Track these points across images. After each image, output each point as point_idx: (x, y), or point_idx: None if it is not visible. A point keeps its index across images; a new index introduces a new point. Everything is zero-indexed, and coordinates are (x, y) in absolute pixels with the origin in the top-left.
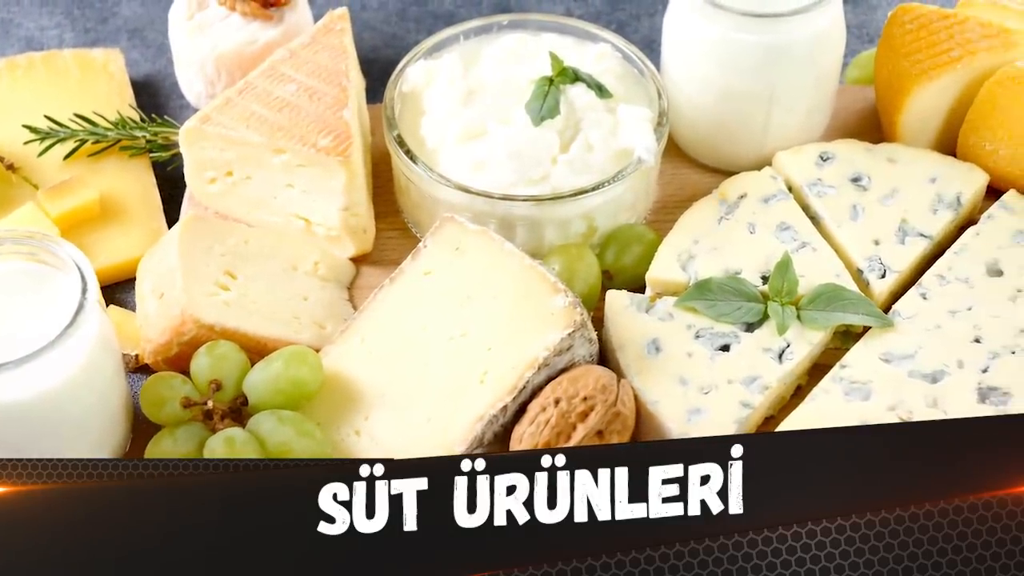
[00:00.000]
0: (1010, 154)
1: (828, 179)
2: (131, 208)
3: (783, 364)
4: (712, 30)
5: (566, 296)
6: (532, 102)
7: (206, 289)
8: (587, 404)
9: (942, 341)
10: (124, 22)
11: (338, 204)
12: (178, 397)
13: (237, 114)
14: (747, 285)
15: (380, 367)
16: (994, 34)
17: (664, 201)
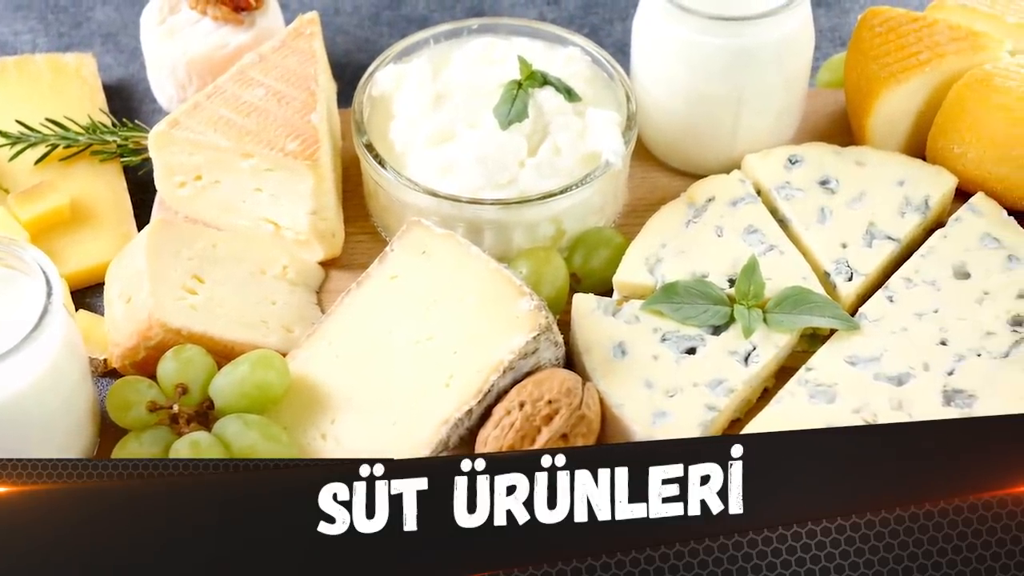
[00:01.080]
0: (978, 157)
1: (796, 182)
2: (101, 212)
3: (749, 367)
4: (679, 33)
5: (531, 300)
6: (500, 106)
7: (173, 293)
8: (551, 407)
9: (908, 344)
10: (98, 27)
11: (306, 208)
12: (144, 401)
13: (205, 118)
14: (714, 288)
15: (347, 371)
16: (963, 37)
17: (634, 204)
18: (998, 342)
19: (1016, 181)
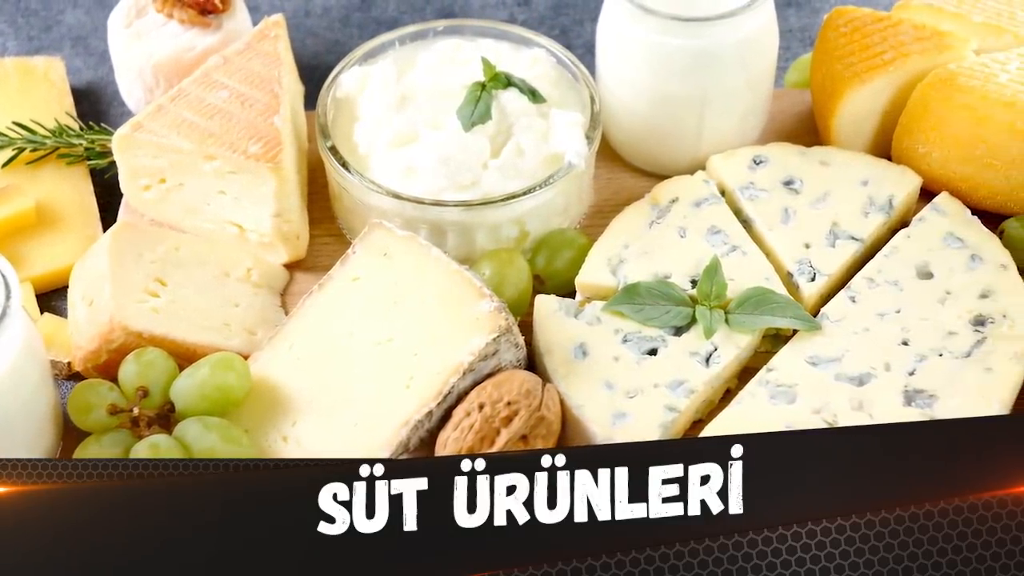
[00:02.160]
0: (942, 156)
1: (760, 183)
2: (68, 215)
3: (710, 368)
4: (642, 34)
5: (491, 301)
6: (463, 107)
7: (135, 296)
8: (511, 409)
9: (870, 344)
10: (68, 30)
11: (270, 210)
12: (105, 404)
13: (169, 121)
14: (675, 289)
15: (308, 373)
16: (927, 36)
17: (600, 205)
18: (960, 342)
19: (980, 180)
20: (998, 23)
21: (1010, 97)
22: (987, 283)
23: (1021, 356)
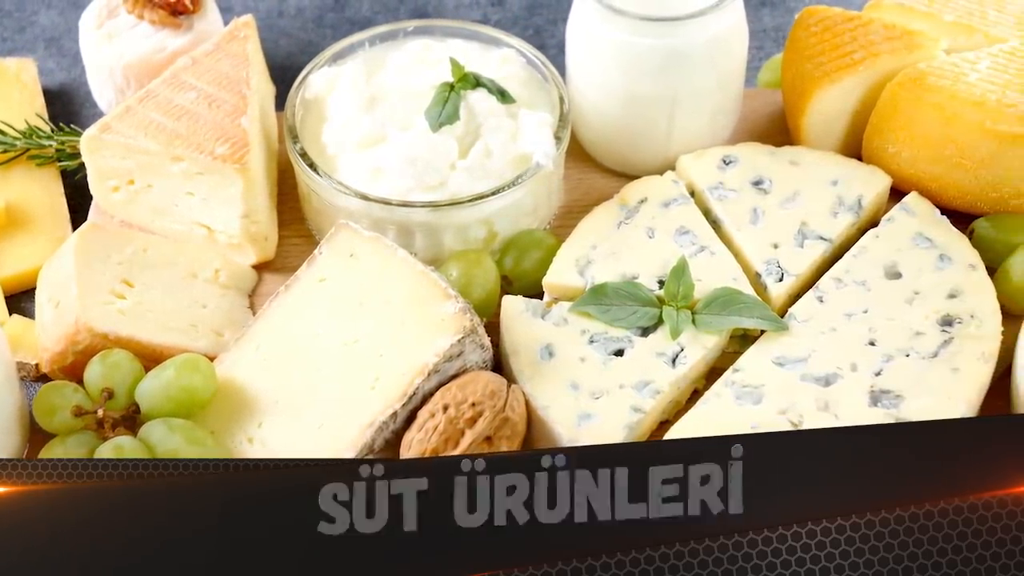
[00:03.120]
0: (912, 156)
1: (730, 183)
2: (38, 217)
3: (676, 368)
4: (611, 34)
5: (457, 302)
6: (431, 108)
7: (101, 298)
8: (475, 410)
9: (836, 344)
10: (41, 31)
11: (237, 211)
12: (69, 406)
13: (137, 122)
14: (643, 290)
15: (274, 374)
16: (897, 36)
17: (570, 206)
18: (927, 342)
19: (949, 180)
20: (969, 22)
21: (980, 96)
22: (955, 283)
23: (988, 356)
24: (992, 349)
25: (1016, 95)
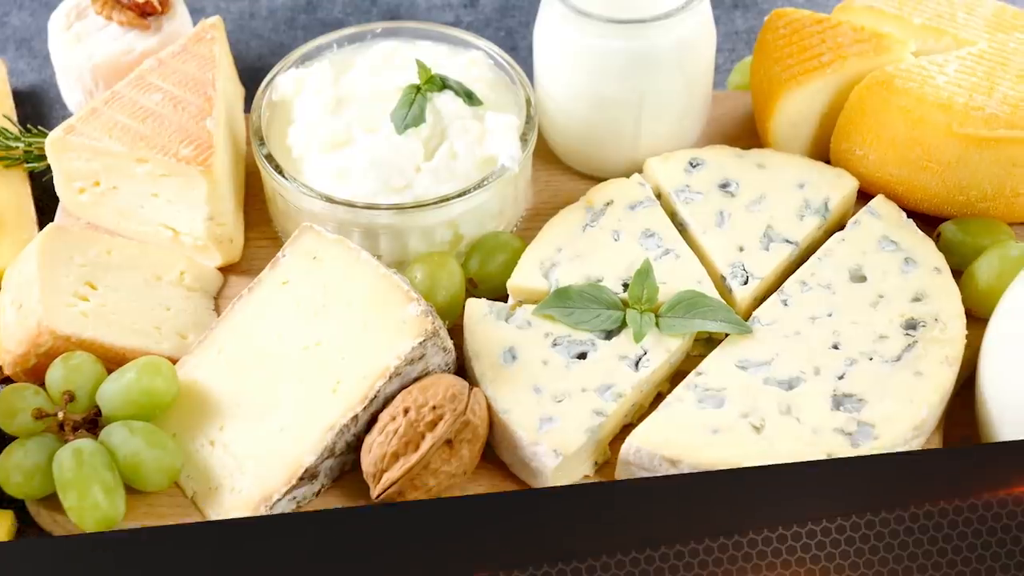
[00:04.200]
0: (879, 159)
1: (696, 185)
2: (4, 219)
3: (639, 372)
4: (577, 36)
5: (419, 305)
6: (397, 110)
7: (64, 300)
8: (436, 413)
9: (800, 348)
10: (12, 32)
11: (202, 214)
12: (30, 408)
13: (102, 124)
14: (607, 292)
15: (236, 377)
16: (866, 39)
17: (538, 208)
18: (890, 346)
19: (916, 183)
20: (939, 25)
21: (947, 99)
22: (920, 286)
23: (952, 360)
24: (956, 353)
25: (983, 98)
